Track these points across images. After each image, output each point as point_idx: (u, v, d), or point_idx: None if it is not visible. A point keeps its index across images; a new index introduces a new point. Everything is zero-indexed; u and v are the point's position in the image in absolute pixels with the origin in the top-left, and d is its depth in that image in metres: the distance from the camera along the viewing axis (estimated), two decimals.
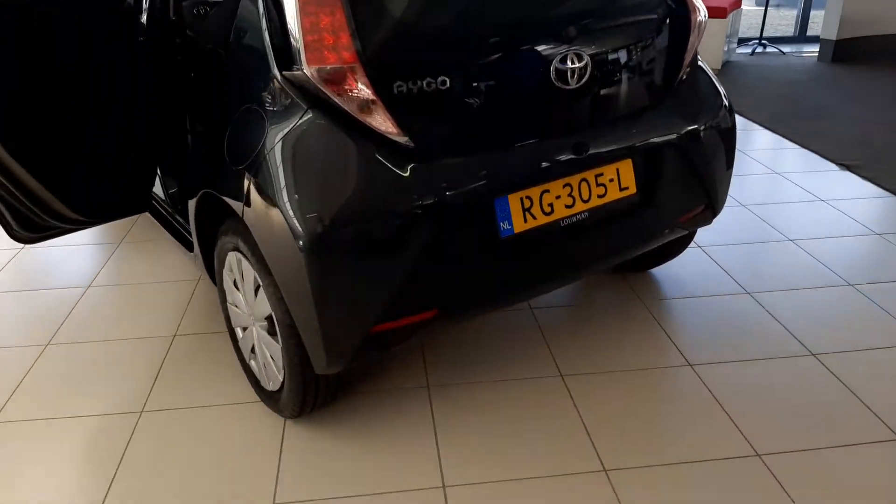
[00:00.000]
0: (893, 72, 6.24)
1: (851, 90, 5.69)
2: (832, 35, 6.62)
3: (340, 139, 1.68)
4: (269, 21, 1.74)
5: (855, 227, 3.28)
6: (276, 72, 1.72)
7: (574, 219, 2.02)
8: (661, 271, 2.89)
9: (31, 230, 2.24)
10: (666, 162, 2.16)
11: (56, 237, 2.33)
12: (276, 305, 1.83)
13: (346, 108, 1.67)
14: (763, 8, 7.65)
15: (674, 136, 2.15)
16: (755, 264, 2.94)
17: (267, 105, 1.76)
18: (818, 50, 6.82)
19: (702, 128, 2.22)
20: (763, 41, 7.35)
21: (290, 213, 1.64)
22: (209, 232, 2.18)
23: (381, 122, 1.69)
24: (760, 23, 7.51)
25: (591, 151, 1.97)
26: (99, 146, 2.19)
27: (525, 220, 1.92)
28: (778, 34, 8.40)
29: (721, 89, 2.38)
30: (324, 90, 1.65)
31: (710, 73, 2.39)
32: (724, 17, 6.21)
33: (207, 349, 2.44)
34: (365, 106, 1.68)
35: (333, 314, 1.71)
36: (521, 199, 1.91)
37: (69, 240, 3.31)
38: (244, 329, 2.14)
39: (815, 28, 7.86)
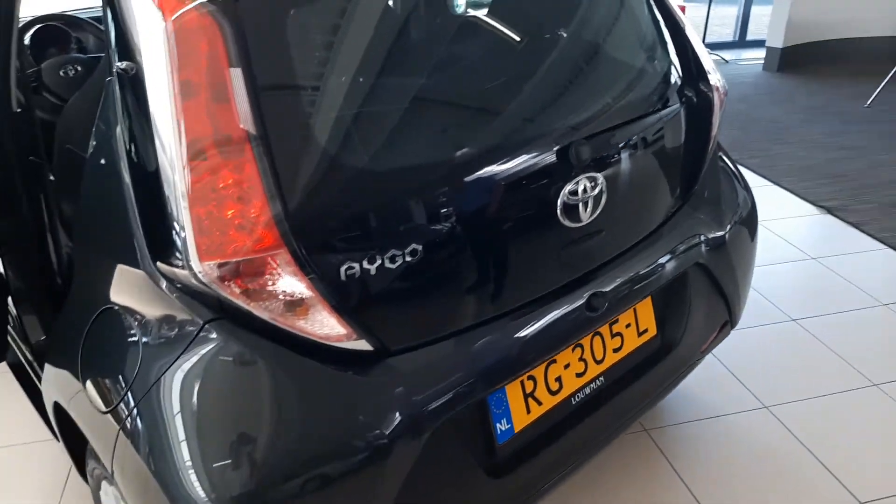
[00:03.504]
0: (844, 81, 6.00)
1: (807, 106, 5.38)
2: (778, 42, 6.33)
3: (258, 370, 1.10)
4: (131, 160, 1.08)
5: (861, 297, 2.86)
6: (147, 264, 1.11)
7: (587, 389, 1.51)
8: None
9: None
10: (688, 286, 1.69)
11: None
12: None
13: (264, 318, 1.08)
14: (707, 5, 7.21)
15: (697, 251, 1.67)
16: (762, 360, 2.48)
17: (138, 315, 1.14)
18: (763, 57, 6.54)
19: (726, 230, 1.76)
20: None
21: (180, 491, 1.04)
22: (76, 436, 1.53)
23: (322, 325, 1.12)
24: (702, 27, 7.14)
25: (609, 302, 1.45)
26: None
27: (528, 411, 1.40)
28: (716, 37, 8.13)
29: (734, 167, 1.94)
30: (228, 297, 1.05)
31: (721, 151, 1.94)
32: None
33: None
34: (296, 305, 1.09)
35: None
36: (522, 383, 1.38)
37: None
38: None
39: (755, 31, 7.62)
